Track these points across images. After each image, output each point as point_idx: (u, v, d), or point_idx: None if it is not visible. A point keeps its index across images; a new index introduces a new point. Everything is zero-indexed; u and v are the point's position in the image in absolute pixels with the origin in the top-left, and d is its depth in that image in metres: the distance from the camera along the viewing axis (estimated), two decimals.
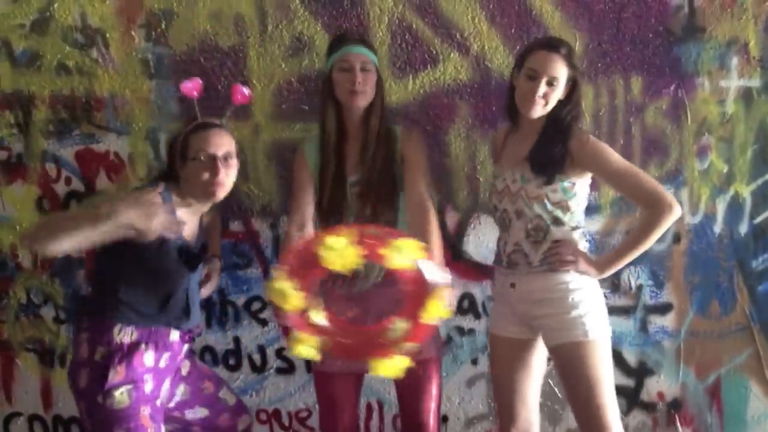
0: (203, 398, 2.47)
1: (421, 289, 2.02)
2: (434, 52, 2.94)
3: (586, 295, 2.34)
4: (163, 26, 2.93)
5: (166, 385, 2.35)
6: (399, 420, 2.70)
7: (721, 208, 3.01)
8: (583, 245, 2.43)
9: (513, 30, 2.91)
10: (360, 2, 2.90)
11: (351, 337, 2.05)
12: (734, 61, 2.93)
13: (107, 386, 2.17)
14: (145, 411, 2.21)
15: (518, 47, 2.89)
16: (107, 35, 2.94)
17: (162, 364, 2.30)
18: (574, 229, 2.39)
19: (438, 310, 2.02)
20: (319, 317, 2.02)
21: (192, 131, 2.29)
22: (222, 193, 2.28)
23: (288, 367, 3.15)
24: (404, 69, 2.94)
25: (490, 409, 3.16)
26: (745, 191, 3.00)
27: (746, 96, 2.94)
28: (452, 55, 2.94)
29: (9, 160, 3.03)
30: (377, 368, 2.00)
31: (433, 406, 2.52)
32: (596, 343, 2.31)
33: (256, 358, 3.14)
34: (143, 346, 2.24)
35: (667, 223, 2.30)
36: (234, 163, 2.31)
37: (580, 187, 2.37)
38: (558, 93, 2.31)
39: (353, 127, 2.47)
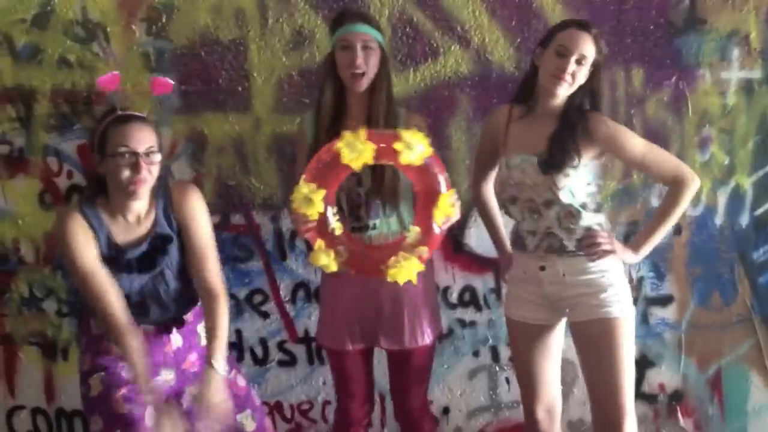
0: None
1: (430, 189, 2.17)
2: (435, 45, 2.94)
3: (617, 277, 2.33)
4: (164, 20, 2.93)
5: (166, 376, 2.32)
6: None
7: (722, 199, 3.01)
8: (607, 226, 2.40)
9: (514, 23, 2.91)
10: None
11: (368, 252, 2.22)
12: (735, 52, 2.93)
13: (81, 374, 2.25)
14: (119, 393, 2.21)
15: (519, 40, 2.90)
16: (108, 29, 2.94)
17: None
18: (599, 209, 2.36)
19: (447, 210, 2.16)
20: (339, 228, 2.18)
21: (111, 124, 2.14)
22: (144, 191, 2.15)
23: (290, 360, 3.16)
24: (405, 62, 2.94)
25: (492, 401, 3.17)
26: (746, 183, 3.00)
27: (747, 88, 2.94)
28: (453, 48, 2.94)
29: (11, 154, 3.03)
30: (394, 274, 2.14)
31: (423, 389, 2.57)
32: (626, 322, 2.31)
33: (258, 350, 3.15)
34: None
35: (690, 197, 2.32)
36: (156, 159, 2.16)
37: (598, 166, 2.34)
38: (584, 74, 2.27)
39: (355, 104, 2.40)
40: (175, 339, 2.34)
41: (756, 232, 3.03)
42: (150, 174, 2.14)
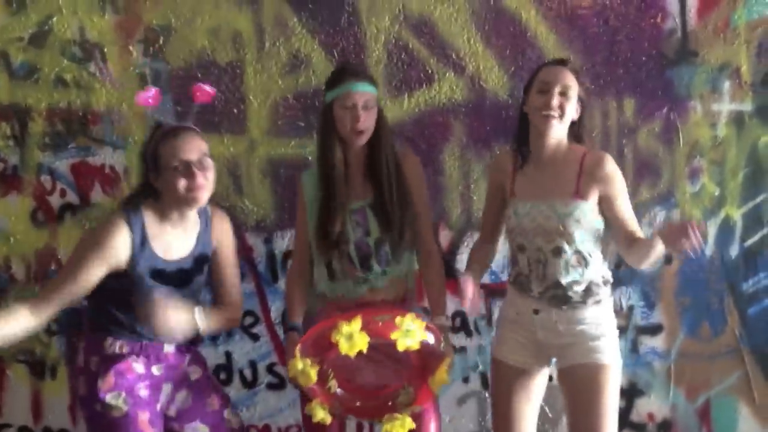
0: (206, 414, 2.39)
1: (428, 361, 2.25)
2: (430, 72, 2.96)
3: (609, 327, 2.32)
4: (161, 41, 2.95)
5: (167, 390, 2.33)
6: None
7: (712, 230, 3.02)
8: (608, 271, 2.38)
9: (508, 51, 2.94)
10: (357, 21, 2.93)
11: (363, 401, 2.34)
12: (726, 85, 2.96)
13: (101, 394, 2.19)
14: (144, 416, 2.21)
15: (513, 68, 2.93)
16: (105, 49, 2.96)
17: (156, 372, 2.29)
18: (603, 261, 2.35)
19: (443, 379, 2.26)
20: (336, 388, 2.30)
21: (160, 141, 2.20)
22: (205, 196, 2.22)
23: (279, 383, 3.15)
24: (400, 88, 2.96)
25: (481, 427, 3.16)
26: (736, 214, 3.02)
27: (738, 120, 2.97)
28: (447, 74, 2.96)
29: (4, 172, 3.04)
30: (388, 428, 2.25)
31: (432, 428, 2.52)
32: (613, 370, 2.29)
33: (247, 373, 3.14)
34: (133, 356, 2.25)
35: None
36: (210, 164, 2.22)
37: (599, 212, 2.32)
38: (572, 107, 2.28)
39: (355, 157, 2.43)
40: (186, 358, 2.39)
41: (745, 263, 3.04)
42: (206, 180, 2.20)
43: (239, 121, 3.00)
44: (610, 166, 2.29)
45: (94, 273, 2.15)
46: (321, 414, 2.28)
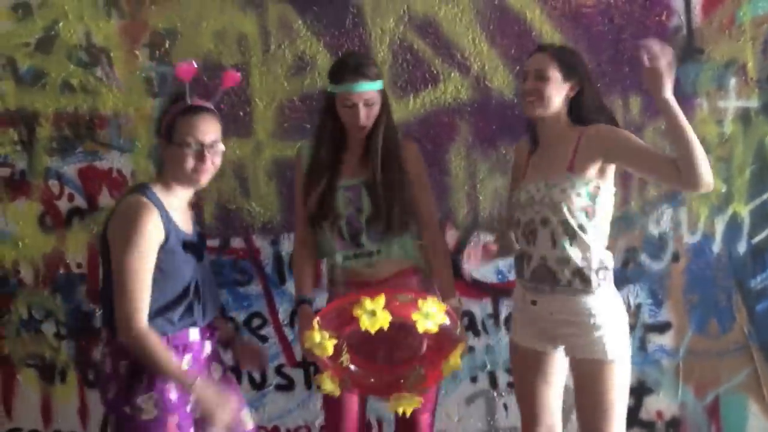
0: None
1: (442, 344, 2.27)
2: (435, 72, 2.97)
3: (608, 318, 2.30)
4: (167, 45, 2.96)
5: None
6: None
7: (719, 227, 3.02)
8: (609, 259, 2.35)
9: (513, 50, 2.94)
10: (362, 22, 2.94)
11: (374, 378, 2.35)
12: (732, 82, 2.95)
13: (132, 398, 2.16)
14: (173, 420, 2.18)
15: (518, 67, 2.93)
16: (111, 54, 2.98)
17: (185, 365, 2.22)
18: (597, 239, 2.32)
19: (456, 363, 2.28)
20: (348, 362, 2.30)
21: (180, 114, 2.16)
22: (207, 180, 2.20)
23: (287, 384, 3.16)
24: (405, 88, 2.97)
25: (490, 426, 3.16)
26: (744, 211, 3.02)
27: (744, 117, 2.96)
28: (453, 74, 2.97)
29: (12, 177, 3.06)
30: (395, 405, 2.29)
31: (427, 416, 2.55)
32: (615, 364, 2.30)
33: (256, 375, 3.15)
34: None
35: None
36: (221, 148, 2.20)
37: (604, 193, 2.30)
38: (556, 89, 2.29)
39: (354, 140, 2.45)
40: (207, 346, 2.33)
41: (753, 260, 3.03)
42: (213, 165, 2.18)
43: (245, 124, 3.01)
44: (605, 129, 2.29)
45: (152, 260, 2.11)
46: (330, 386, 2.27)
